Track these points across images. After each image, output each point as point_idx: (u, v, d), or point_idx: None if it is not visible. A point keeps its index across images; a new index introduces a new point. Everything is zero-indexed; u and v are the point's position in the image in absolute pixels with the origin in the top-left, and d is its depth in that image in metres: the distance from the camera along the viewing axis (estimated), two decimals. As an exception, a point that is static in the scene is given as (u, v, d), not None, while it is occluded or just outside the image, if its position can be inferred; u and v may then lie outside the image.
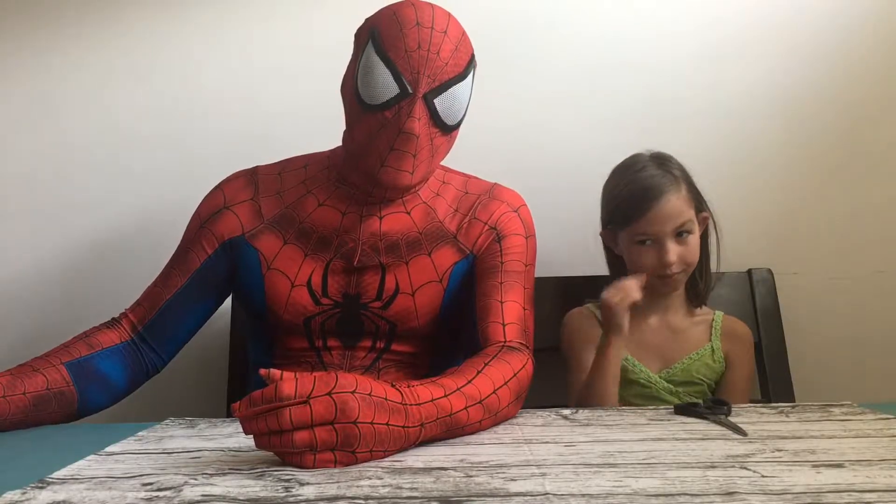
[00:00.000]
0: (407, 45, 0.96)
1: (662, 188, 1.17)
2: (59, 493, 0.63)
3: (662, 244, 1.17)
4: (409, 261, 1.06)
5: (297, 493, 0.63)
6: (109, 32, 1.48)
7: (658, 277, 1.19)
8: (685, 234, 1.18)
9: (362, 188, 1.04)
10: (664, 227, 1.17)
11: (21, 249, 1.47)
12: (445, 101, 0.98)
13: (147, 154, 1.47)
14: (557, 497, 0.59)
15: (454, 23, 1.00)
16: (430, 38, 0.96)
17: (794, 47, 1.47)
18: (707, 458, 0.70)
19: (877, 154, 1.47)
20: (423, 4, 1.00)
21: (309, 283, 1.05)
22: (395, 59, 0.96)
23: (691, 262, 1.20)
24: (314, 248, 1.06)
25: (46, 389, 0.96)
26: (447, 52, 0.97)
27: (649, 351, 1.23)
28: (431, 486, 0.63)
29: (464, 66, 1.00)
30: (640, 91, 1.47)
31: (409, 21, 0.97)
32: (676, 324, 1.25)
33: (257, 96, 1.47)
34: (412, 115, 0.95)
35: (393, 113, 0.96)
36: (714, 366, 1.23)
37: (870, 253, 1.47)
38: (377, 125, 0.97)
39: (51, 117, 1.48)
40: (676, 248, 1.18)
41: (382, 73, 0.96)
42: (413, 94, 0.96)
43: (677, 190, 1.18)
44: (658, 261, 1.17)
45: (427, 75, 0.96)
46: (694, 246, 1.20)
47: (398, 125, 0.95)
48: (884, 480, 0.62)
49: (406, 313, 1.06)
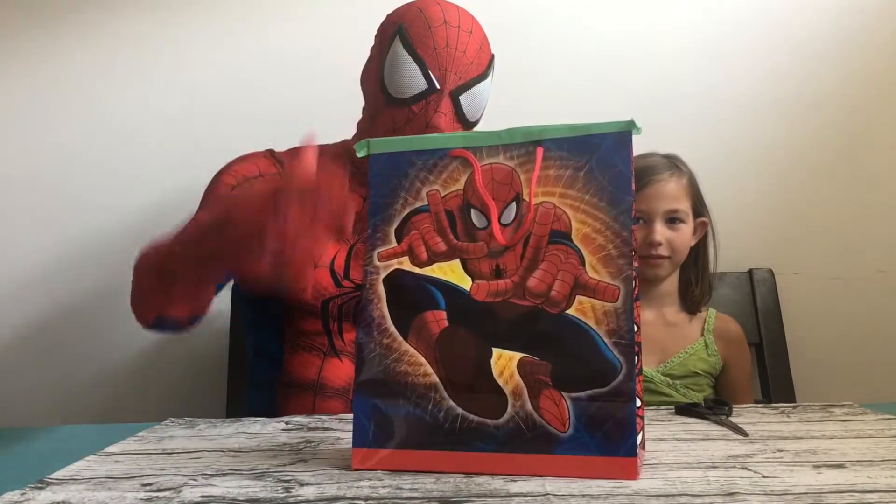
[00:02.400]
0: (436, 43, 0.99)
1: (662, 169, 1.21)
2: (58, 494, 0.63)
3: (652, 223, 1.19)
4: None
5: (297, 493, 0.63)
6: (109, 32, 1.48)
7: (641, 258, 1.21)
8: (677, 222, 1.20)
9: None
10: (657, 206, 1.19)
11: (21, 249, 1.47)
12: (469, 99, 1.02)
13: (147, 154, 1.47)
14: (557, 497, 0.59)
15: (477, 23, 1.04)
16: (457, 37, 1.00)
17: (794, 47, 1.47)
18: (708, 459, 0.70)
19: (878, 154, 1.47)
20: (447, 4, 1.03)
21: (332, 265, 1.06)
22: (423, 55, 0.99)
23: (678, 251, 1.21)
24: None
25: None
26: (473, 51, 1.01)
27: (646, 345, 1.23)
28: (431, 486, 0.63)
29: (486, 65, 1.04)
30: (640, 90, 1.47)
31: (437, 19, 1.00)
32: (671, 318, 1.27)
33: (258, 97, 1.47)
34: (439, 111, 0.99)
35: (420, 108, 1.00)
36: (709, 359, 1.23)
37: (871, 253, 1.47)
38: (403, 119, 1.00)
39: (51, 117, 1.48)
40: (665, 232, 1.20)
41: (411, 68, 0.99)
42: (441, 90, 0.99)
43: (678, 177, 1.21)
44: (645, 240, 1.19)
45: (454, 72, 1.00)
46: (684, 236, 1.21)
47: (425, 119, 0.99)
48: (885, 481, 0.62)
49: None
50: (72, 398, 1.47)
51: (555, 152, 0.67)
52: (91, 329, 1.47)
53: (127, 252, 1.47)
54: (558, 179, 0.67)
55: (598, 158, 0.67)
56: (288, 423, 0.90)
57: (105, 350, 1.47)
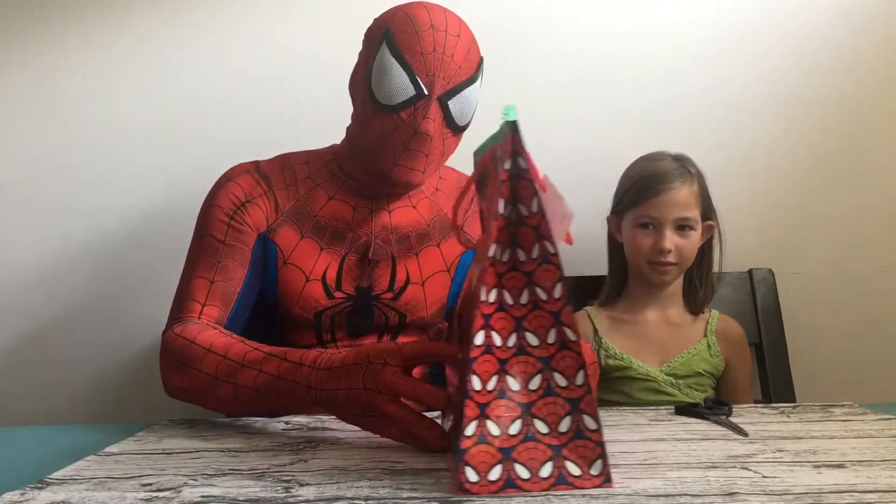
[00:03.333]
0: (423, 48, 0.98)
1: (675, 176, 1.21)
2: (58, 494, 0.63)
3: (662, 230, 1.20)
4: (419, 252, 1.10)
5: (296, 493, 0.63)
6: (110, 32, 1.48)
7: (649, 264, 1.21)
8: (686, 229, 1.21)
9: (368, 184, 1.06)
10: (668, 214, 1.19)
11: (21, 249, 1.47)
12: (458, 103, 1.01)
13: (147, 154, 1.47)
14: (558, 497, 0.59)
15: (465, 26, 1.03)
16: (444, 42, 0.99)
17: (794, 47, 1.47)
18: (708, 459, 0.70)
19: (878, 153, 1.47)
20: (434, 7, 1.02)
21: (324, 277, 1.06)
22: (411, 60, 0.98)
23: (686, 257, 1.22)
24: (329, 242, 1.07)
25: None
26: (461, 56, 1.00)
27: (650, 345, 1.24)
28: (431, 486, 0.63)
29: (474, 68, 1.02)
30: (640, 90, 1.47)
31: (424, 23, 0.99)
32: (674, 319, 1.27)
33: (257, 97, 1.47)
34: (427, 117, 0.98)
35: (408, 114, 0.98)
36: (712, 360, 1.24)
37: (871, 253, 1.47)
38: (392, 125, 0.99)
39: (50, 117, 1.47)
40: (675, 238, 1.20)
41: (398, 74, 0.98)
42: (429, 95, 0.98)
43: (690, 184, 1.21)
44: (654, 246, 1.20)
45: (442, 78, 0.98)
46: (693, 243, 1.22)
47: (414, 126, 0.98)
48: (885, 481, 0.62)
49: (416, 303, 1.09)
50: (72, 398, 1.47)
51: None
52: (91, 329, 1.47)
53: (127, 252, 1.48)
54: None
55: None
56: (288, 423, 0.90)
57: (105, 350, 1.47)
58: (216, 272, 1.02)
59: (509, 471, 0.61)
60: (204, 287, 1.01)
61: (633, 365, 1.21)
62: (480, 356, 0.64)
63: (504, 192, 0.65)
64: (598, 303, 1.30)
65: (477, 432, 0.62)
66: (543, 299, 0.65)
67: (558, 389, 0.64)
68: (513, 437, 0.62)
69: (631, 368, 1.21)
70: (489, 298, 0.65)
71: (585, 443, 0.62)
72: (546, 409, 0.63)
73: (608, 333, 1.25)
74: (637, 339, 1.24)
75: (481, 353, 0.64)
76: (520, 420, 0.63)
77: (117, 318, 1.47)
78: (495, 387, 0.64)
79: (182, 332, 0.93)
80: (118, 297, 1.47)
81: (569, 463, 0.62)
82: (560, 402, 0.63)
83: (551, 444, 0.62)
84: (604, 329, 1.26)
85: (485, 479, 0.61)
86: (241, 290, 1.03)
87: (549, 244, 0.65)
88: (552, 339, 0.65)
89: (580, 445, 0.62)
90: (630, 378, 1.21)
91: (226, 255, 1.03)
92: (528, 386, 0.64)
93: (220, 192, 1.07)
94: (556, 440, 0.63)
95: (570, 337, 0.64)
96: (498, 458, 0.61)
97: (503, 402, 0.63)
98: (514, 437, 0.62)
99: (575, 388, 0.64)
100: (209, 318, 0.99)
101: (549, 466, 0.62)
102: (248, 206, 1.06)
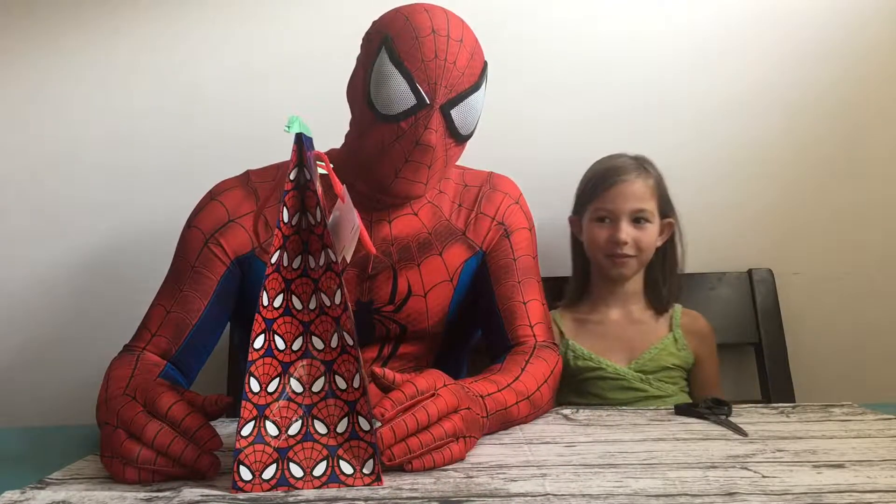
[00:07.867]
0: (423, 55, 0.93)
1: (630, 170, 1.23)
2: (58, 493, 0.63)
3: (618, 222, 1.21)
4: (420, 263, 1.05)
5: (297, 493, 0.63)
6: (110, 32, 1.48)
7: (607, 257, 1.22)
8: (643, 221, 1.22)
9: (367, 195, 1.01)
10: (623, 205, 1.21)
11: (21, 249, 1.47)
12: (461, 112, 0.95)
13: (147, 154, 1.47)
14: (557, 497, 0.59)
15: (468, 30, 0.97)
16: (446, 47, 0.93)
17: (794, 47, 1.47)
18: (707, 459, 0.70)
19: (877, 154, 1.47)
20: (436, 10, 0.97)
21: None
22: (411, 68, 0.93)
23: (644, 250, 1.23)
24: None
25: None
26: (463, 62, 0.94)
27: (616, 343, 1.25)
28: (432, 486, 0.63)
29: (478, 75, 0.97)
30: (639, 90, 1.46)
31: (425, 28, 0.93)
32: (637, 316, 1.27)
33: (258, 97, 1.47)
34: (429, 127, 0.92)
35: (409, 124, 0.93)
36: (680, 353, 1.25)
37: (870, 253, 1.46)
38: (392, 136, 0.94)
39: (50, 117, 1.47)
40: (631, 231, 1.21)
41: (398, 82, 0.93)
42: (430, 105, 0.92)
43: (644, 178, 1.23)
44: (610, 238, 1.21)
45: (444, 86, 0.93)
46: (649, 236, 1.23)
47: (415, 137, 0.93)
48: (885, 481, 0.62)
49: (417, 315, 1.05)
50: (72, 398, 1.47)
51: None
52: (91, 329, 1.47)
53: (127, 252, 1.48)
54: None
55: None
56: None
57: (105, 350, 1.46)
58: (175, 301, 0.98)
59: (284, 469, 0.65)
60: (159, 316, 0.98)
61: (602, 364, 1.22)
62: (259, 359, 0.68)
63: (289, 201, 0.70)
64: (563, 304, 1.31)
65: (254, 433, 0.66)
66: (328, 305, 0.70)
67: (338, 392, 0.68)
68: (292, 437, 0.67)
69: (601, 368, 1.22)
70: (273, 304, 0.69)
71: (359, 443, 0.67)
72: (326, 411, 0.68)
73: (574, 335, 1.26)
74: (602, 338, 1.25)
75: (260, 357, 0.68)
76: (300, 421, 0.67)
77: (117, 319, 1.46)
78: (276, 388, 0.68)
79: (113, 362, 0.93)
80: (118, 297, 1.46)
81: (343, 462, 0.66)
82: (339, 403, 0.68)
83: (328, 445, 0.67)
84: (570, 331, 1.26)
85: (258, 478, 0.65)
86: (197, 323, 0.97)
87: (332, 253, 0.70)
88: (335, 343, 0.69)
89: (354, 445, 0.67)
90: (600, 378, 1.22)
91: (190, 283, 0.99)
92: (311, 388, 0.68)
93: (202, 212, 1.04)
94: (333, 440, 0.67)
95: (348, 342, 0.69)
96: (274, 458, 0.66)
97: (284, 404, 0.67)
98: (293, 437, 0.67)
99: (352, 391, 0.68)
100: (156, 349, 0.95)
101: (322, 465, 0.66)
102: (230, 228, 1.01)
